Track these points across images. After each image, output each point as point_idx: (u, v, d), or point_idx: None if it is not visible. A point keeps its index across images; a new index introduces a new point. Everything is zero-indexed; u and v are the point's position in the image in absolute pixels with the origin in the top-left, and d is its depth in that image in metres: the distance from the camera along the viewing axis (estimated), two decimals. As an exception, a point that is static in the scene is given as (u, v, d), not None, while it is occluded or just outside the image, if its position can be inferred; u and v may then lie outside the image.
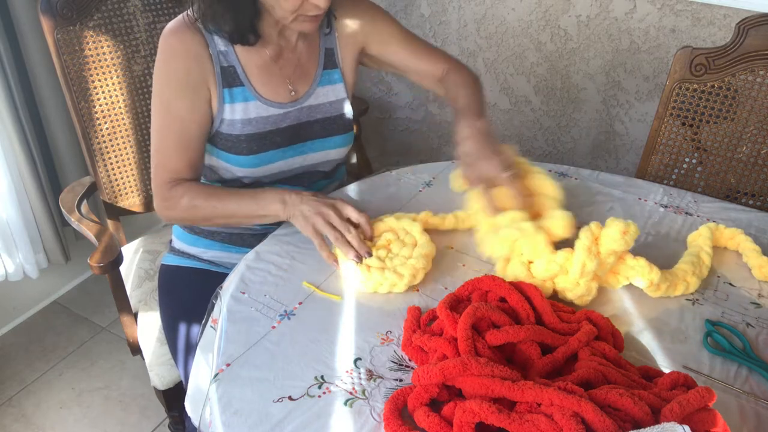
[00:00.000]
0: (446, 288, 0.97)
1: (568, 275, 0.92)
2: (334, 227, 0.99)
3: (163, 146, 1.09)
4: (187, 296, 1.23)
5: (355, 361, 0.83)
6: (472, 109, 1.14)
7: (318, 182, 1.28)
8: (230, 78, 1.11)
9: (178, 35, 1.07)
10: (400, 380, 0.81)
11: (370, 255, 0.96)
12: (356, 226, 1.01)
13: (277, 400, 0.77)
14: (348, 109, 1.23)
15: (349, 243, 0.97)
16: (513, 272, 0.95)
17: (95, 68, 1.37)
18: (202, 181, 1.28)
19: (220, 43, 1.10)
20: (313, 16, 1.03)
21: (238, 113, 1.12)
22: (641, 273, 0.94)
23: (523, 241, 0.95)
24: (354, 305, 0.93)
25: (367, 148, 2.04)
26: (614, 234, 0.91)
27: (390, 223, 1.04)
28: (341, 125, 1.22)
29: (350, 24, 1.21)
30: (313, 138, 1.20)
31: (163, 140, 1.09)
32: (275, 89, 1.15)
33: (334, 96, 1.21)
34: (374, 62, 1.28)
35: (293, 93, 1.16)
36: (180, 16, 1.09)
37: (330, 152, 1.23)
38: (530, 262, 0.95)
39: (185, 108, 1.07)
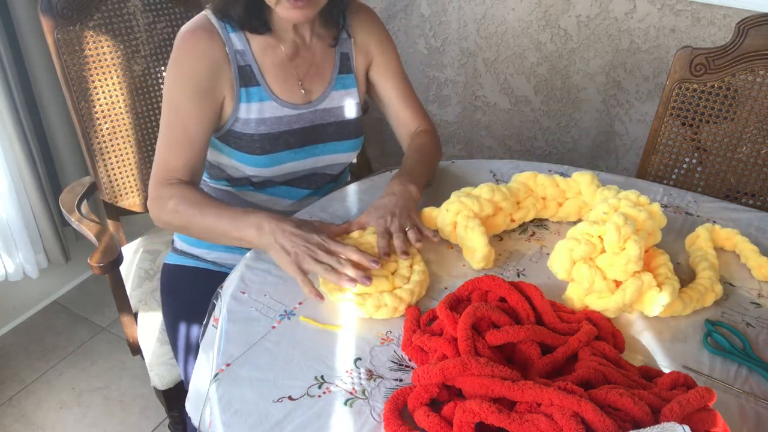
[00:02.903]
0: (446, 288, 0.97)
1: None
2: (320, 262, 0.92)
3: (165, 143, 1.09)
4: (189, 296, 1.23)
5: (355, 361, 0.83)
6: (413, 174, 1.12)
7: (326, 185, 1.29)
8: (247, 77, 1.12)
9: (194, 37, 1.08)
10: (400, 380, 0.81)
11: (369, 281, 0.90)
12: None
13: (277, 400, 0.77)
14: (359, 114, 1.24)
15: (337, 271, 0.91)
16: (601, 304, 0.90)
17: (95, 68, 1.37)
18: (206, 178, 1.28)
19: (237, 43, 1.11)
20: (295, 1, 1.01)
21: (254, 113, 1.13)
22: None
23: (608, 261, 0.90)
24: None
25: (367, 148, 2.04)
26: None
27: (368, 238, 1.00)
28: (353, 129, 1.23)
29: (366, 39, 1.23)
30: (325, 141, 1.20)
31: (165, 137, 1.09)
32: (290, 89, 1.16)
33: (348, 100, 1.22)
34: (368, 86, 1.29)
35: (304, 93, 1.17)
36: (197, 17, 1.11)
37: (340, 156, 1.24)
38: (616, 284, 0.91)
39: (191, 109, 1.07)
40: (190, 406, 0.95)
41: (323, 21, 1.18)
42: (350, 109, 1.22)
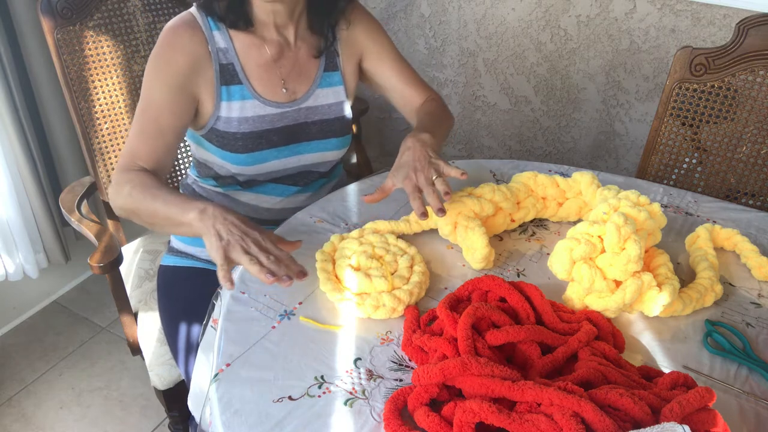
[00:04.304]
0: (446, 288, 0.97)
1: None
2: (249, 254, 0.87)
3: (135, 131, 1.09)
4: (187, 296, 1.23)
5: (355, 361, 0.83)
6: (423, 127, 1.13)
7: (315, 182, 1.29)
8: (228, 76, 1.12)
9: (178, 32, 1.08)
10: (400, 380, 0.81)
11: (289, 281, 0.85)
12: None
13: (277, 400, 0.77)
14: (347, 112, 1.23)
15: (261, 264, 0.86)
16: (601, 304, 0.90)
17: (95, 68, 1.37)
18: (196, 177, 1.28)
19: (220, 41, 1.11)
20: None
21: (235, 111, 1.12)
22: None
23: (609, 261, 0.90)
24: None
25: (367, 148, 2.04)
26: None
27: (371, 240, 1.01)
28: (339, 127, 1.22)
29: (352, 32, 1.22)
30: (309, 139, 1.20)
31: (136, 125, 1.09)
32: (273, 88, 1.15)
33: (334, 98, 1.21)
34: (365, 77, 1.29)
35: (285, 91, 1.17)
36: (183, 13, 1.11)
37: (326, 154, 1.23)
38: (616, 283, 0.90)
39: (164, 100, 1.08)
40: (193, 405, 0.95)
41: (308, 25, 1.18)
42: (336, 107, 1.22)
